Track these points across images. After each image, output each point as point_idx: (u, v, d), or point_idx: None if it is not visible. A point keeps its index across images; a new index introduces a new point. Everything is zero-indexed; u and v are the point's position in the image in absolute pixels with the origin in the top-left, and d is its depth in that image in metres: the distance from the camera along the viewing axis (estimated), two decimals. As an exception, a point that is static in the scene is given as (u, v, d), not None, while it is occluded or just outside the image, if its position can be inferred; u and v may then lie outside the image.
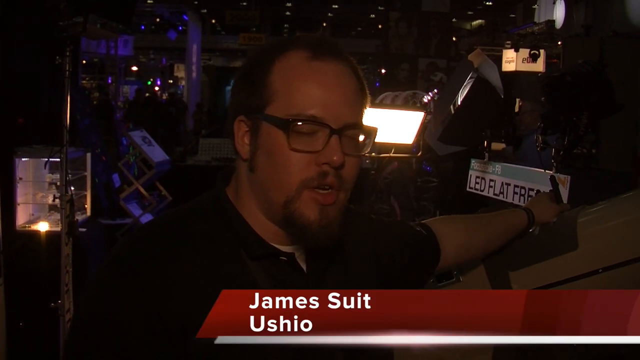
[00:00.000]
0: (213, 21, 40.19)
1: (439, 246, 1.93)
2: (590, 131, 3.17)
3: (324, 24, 42.52)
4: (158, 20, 40.20)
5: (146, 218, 7.87)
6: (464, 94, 3.38)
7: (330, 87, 1.42)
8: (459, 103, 3.39)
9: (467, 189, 3.91)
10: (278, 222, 1.46)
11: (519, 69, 16.94)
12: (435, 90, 6.00)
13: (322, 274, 1.54)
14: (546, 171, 2.99)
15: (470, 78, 3.40)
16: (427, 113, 4.60)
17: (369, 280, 1.67)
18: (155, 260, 1.38)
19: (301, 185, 1.40)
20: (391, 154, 4.66)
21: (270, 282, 1.44)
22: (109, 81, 23.24)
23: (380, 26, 25.70)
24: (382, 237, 1.80)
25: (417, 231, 1.92)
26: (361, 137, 1.48)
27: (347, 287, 1.57)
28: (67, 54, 4.90)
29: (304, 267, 1.51)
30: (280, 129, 1.40)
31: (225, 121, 1.55)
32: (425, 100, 5.77)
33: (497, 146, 6.71)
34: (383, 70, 21.45)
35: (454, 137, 3.43)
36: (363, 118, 1.50)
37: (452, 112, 3.43)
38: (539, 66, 17.64)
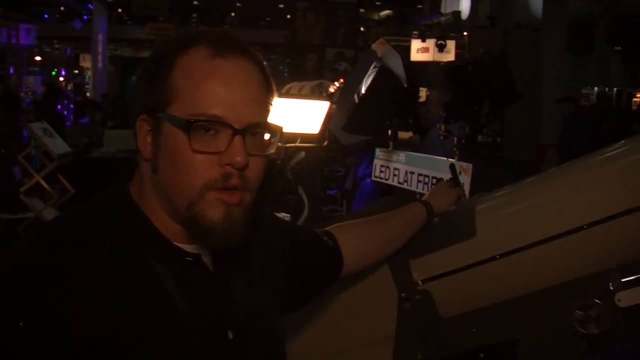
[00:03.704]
0: (119, 10, 39.56)
1: (342, 255, 1.91)
2: (491, 120, 3.21)
3: (232, 14, 42.33)
4: (62, 8, 39.37)
5: (48, 212, 7.67)
6: (368, 84, 3.38)
7: (233, 86, 1.38)
8: (363, 92, 3.39)
9: (372, 178, 3.92)
10: (182, 223, 1.42)
11: (435, 59, 17.25)
12: (341, 80, 6.01)
13: (229, 274, 1.51)
14: (448, 159, 3.01)
15: (374, 67, 3.40)
16: (332, 102, 4.59)
17: (274, 283, 1.65)
18: (56, 263, 1.32)
19: (204, 187, 1.36)
20: (297, 144, 4.65)
21: (176, 283, 1.41)
22: (11, 71, 22.56)
23: (288, 16, 25.74)
24: (289, 239, 1.79)
25: (322, 239, 1.90)
26: (266, 136, 1.44)
27: (253, 287, 1.57)
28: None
29: (210, 267, 1.48)
30: (182, 130, 1.35)
31: (130, 115, 1.50)
32: (331, 89, 5.77)
33: (405, 135, 6.80)
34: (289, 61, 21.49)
35: (358, 127, 3.43)
36: (269, 116, 1.46)
37: (356, 101, 3.43)
38: (451, 56, 17.97)
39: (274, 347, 1.62)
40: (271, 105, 1.47)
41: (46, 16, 38.87)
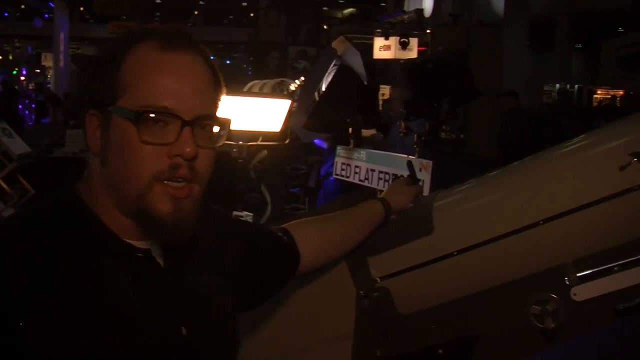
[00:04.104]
0: (81, 9, 39.23)
1: (298, 251, 1.91)
2: (451, 117, 3.24)
3: (196, 12, 42.18)
4: (23, 7, 38.96)
5: (8, 213, 7.58)
6: (328, 81, 3.39)
7: (181, 78, 1.39)
8: (323, 90, 3.40)
9: (334, 176, 3.93)
10: (132, 217, 1.41)
11: (396, 56, 17.31)
12: (302, 78, 6.02)
13: (180, 269, 1.50)
14: (409, 157, 3.02)
15: (334, 65, 3.41)
16: (293, 101, 4.59)
17: (229, 280, 1.64)
18: (5, 268, 1.31)
19: (153, 178, 1.36)
20: (259, 142, 4.64)
21: (128, 280, 1.40)
22: (-30, 71, 22.28)
23: (252, 14, 25.72)
24: (243, 237, 1.78)
25: (278, 236, 1.90)
26: (216, 129, 1.45)
27: (206, 283, 1.56)
28: None
29: (161, 262, 1.47)
30: (131, 121, 1.35)
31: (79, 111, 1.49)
32: (292, 87, 5.77)
33: (369, 132, 6.82)
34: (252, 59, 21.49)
35: (318, 124, 3.44)
36: (217, 109, 1.47)
37: (317, 99, 3.44)
38: (414, 54, 18.07)
39: (228, 342, 1.62)
40: (219, 100, 1.48)
41: (6, 14, 38.44)
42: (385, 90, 13.72)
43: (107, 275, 1.38)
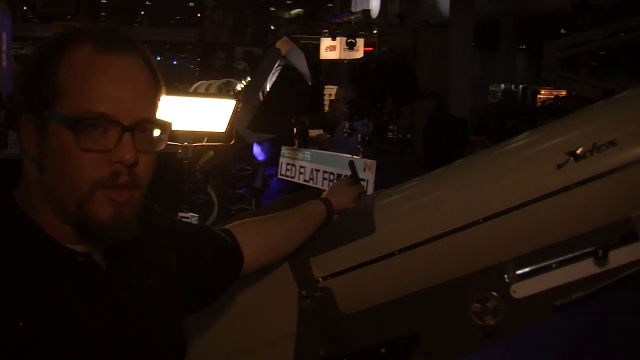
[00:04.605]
0: (24, 8, 38.62)
1: (241, 252, 1.90)
2: (394, 117, 3.26)
3: (142, 12, 41.81)
4: (-36, 6, 38.22)
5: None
6: (272, 82, 3.39)
7: (120, 82, 1.35)
8: (267, 91, 3.40)
9: (279, 176, 3.93)
10: (72, 223, 1.38)
11: (341, 57, 17.34)
12: (249, 78, 6.01)
13: (123, 272, 1.48)
14: (352, 157, 3.03)
15: (278, 66, 3.41)
16: (239, 101, 4.58)
17: (172, 283, 1.63)
18: None
19: (93, 185, 1.33)
20: (204, 143, 4.62)
21: (69, 285, 1.37)
22: None
23: (199, 15, 25.58)
24: (185, 240, 1.76)
25: (221, 237, 1.88)
26: (156, 132, 1.42)
27: (149, 286, 1.54)
28: None
29: (103, 266, 1.45)
30: (69, 128, 1.31)
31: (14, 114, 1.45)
32: (238, 88, 5.76)
33: (315, 133, 6.83)
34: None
35: (262, 125, 3.44)
36: (157, 112, 1.44)
37: (261, 99, 3.43)
38: (360, 54, 18.11)
39: (174, 346, 1.60)
40: (159, 101, 1.45)
41: (-53, 14, 37.68)
42: (332, 91, 13.76)
43: (45, 282, 1.34)
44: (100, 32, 1.38)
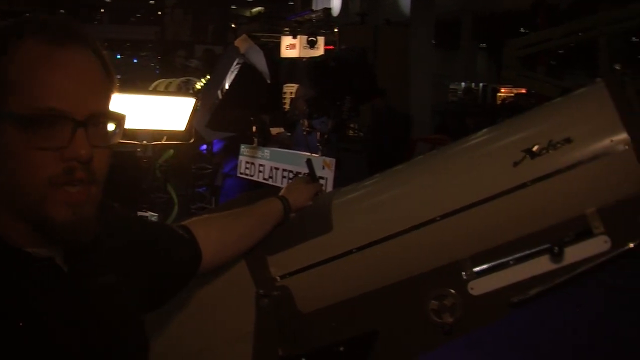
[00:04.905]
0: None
1: (199, 249, 1.88)
2: (353, 115, 3.26)
3: (102, 10, 41.44)
4: None
5: None
6: (231, 80, 3.38)
7: (71, 76, 1.31)
8: (226, 89, 3.38)
9: (238, 174, 3.92)
10: (30, 225, 1.34)
11: (301, 55, 17.28)
12: (208, 77, 5.97)
13: (84, 272, 1.45)
14: (311, 155, 3.03)
15: (237, 64, 3.40)
16: (198, 99, 4.55)
17: (131, 278, 1.60)
18: None
19: (48, 184, 1.29)
20: (164, 142, 4.59)
21: (30, 289, 1.33)
22: None
23: (160, 12, 25.36)
24: (144, 236, 1.74)
25: (179, 234, 1.86)
26: (110, 127, 1.38)
27: (111, 285, 1.51)
28: None
29: (64, 267, 1.41)
30: (19, 127, 1.27)
31: None
32: (198, 86, 5.73)
33: (275, 131, 6.82)
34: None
35: (221, 123, 3.42)
36: (109, 105, 1.40)
37: (220, 98, 3.42)
38: (320, 52, 18.06)
39: (137, 345, 1.58)
40: (112, 94, 1.41)
41: None
42: (293, 89, 13.71)
43: (7, 286, 1.31)
44: (48, 25, 1.34)
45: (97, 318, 1.44)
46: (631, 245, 1.71)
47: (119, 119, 1.40)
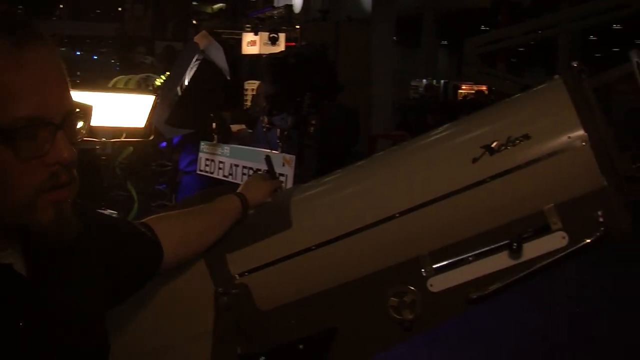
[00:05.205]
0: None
1: (161, 246, 1.86)
2: (313, 111, 3.25)
3: (61, 6, 41.01)
4: None
5: None
6: (191, 76, 3.36)
7: (44, 79, 1.26)
8: (186, 85, 3.36)
9: (198, 172, 3.90)
10: (7, 232, 1.31)
11: (262, 51, 17.27)
12: (168, 73, 5.93)
13: (44, 276, 1.41)
14: (272, 151, 3.02)
15: (197, 60, 3.38)
16: (157, 96, 4.52)
17: (93, 277, 1.58)
18: None
19: (35, 193, 1.26)
20: (123, 139, 4.55)
21: None
22: None
23: (120, 9, 25.16)
24: (105, 232, 1.70)
25: (140, 231, 1.84)
26: (79, 124, 1.35)
27: (72, 288, 1.49)
28: None
29: (23, 271, 1.37)
30: (1, 140, 1.22)
31: None
32: (158, 83, 5.68)
33: (236, 128, 6.79)
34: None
35: (181, 120, 3.40)
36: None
37: (179, 94, 3.40)
38: (281, 49, 18.07)
39: (99, 345, 1.56)
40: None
41: None
42: (254, 86, 13.69)
43: None
44: (11, 25, 1.28)
45: (56, 322, 1.41)
46: (588, 241, 1.73)
47: (87, 111, 1.37)
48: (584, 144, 1.70)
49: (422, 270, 1.87)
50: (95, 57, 40.37)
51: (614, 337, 6.15)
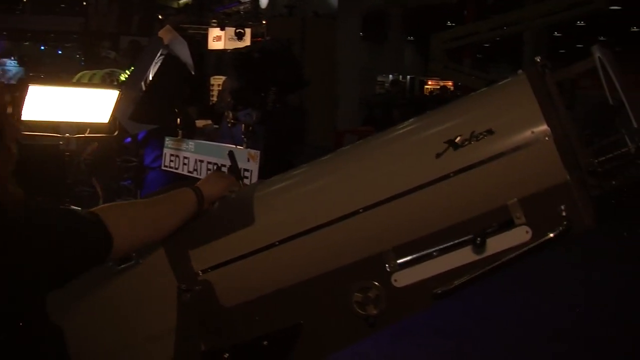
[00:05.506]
0: None
1: (109, 233, 1.83)
2: (278, 106, 3.24)
3: (24, 0, 40.53)
4: None
5: None
6: (155, 71, 3.33)
7: None
8: (150, 80, 3.34)
9: (162, 167, 3.87)
10: None
11: (227, 47, 17.20)
12: (133, 69, 5.89)
13: None
14: (237, 147, 3.00)
15: (161, 55, 3.35)
16: (121, 91, 4.48)
17: (33, 264, 1.57)
18: None
19: None
20: (87, 134, 4.50)
21: None
22: None
23: (84, 3, 24.89)
24: (50, 225, 1.69)
25: (83, 216, 1.82)
26: None
27: (7, 280, 1.47)
28: None
29: None
30: None
31: None
32: (122, 78, 5.64)
33: (201, 123, 6.76)
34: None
35: (145, 115, 3.37)
36: None
37: (143, 89, 3.37)
38: (247, 44, 18.01)
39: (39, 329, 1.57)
40: None
41: None
42: (220, 81, 13.62)
43: None
44: None
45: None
46: (551, 235, 1.73)
47: None
48: (547, 138, 1.70)
49: (386, 265, 1.87)
50: (60, 52, 39.96)
51: (583, 329, 6.22)
